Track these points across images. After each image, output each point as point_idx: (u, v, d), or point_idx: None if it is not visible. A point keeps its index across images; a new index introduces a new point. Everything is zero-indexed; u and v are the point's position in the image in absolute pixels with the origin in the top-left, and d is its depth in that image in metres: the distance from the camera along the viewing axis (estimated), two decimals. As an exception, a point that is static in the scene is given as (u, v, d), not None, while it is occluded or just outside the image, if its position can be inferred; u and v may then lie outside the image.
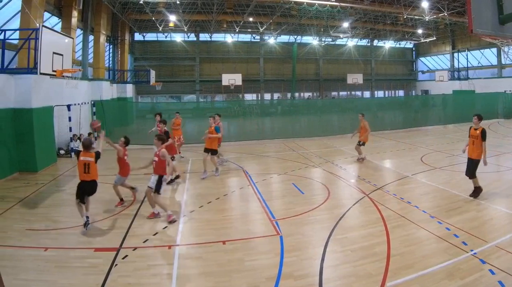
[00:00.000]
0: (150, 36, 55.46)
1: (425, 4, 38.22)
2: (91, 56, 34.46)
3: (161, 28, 48.65)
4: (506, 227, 10.48)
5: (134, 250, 9.39)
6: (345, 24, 47.35)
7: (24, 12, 19.15)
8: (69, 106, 21.73)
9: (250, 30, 54.36)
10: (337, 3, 37.56)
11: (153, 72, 43.82)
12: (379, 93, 66.29)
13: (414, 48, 67.24)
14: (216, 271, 8.36)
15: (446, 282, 7.62)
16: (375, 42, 63.91)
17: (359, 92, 65.17)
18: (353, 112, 22.44)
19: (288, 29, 52.88)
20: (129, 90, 43.18)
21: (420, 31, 53.57)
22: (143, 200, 13.54)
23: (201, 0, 40.79)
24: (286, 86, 60.28)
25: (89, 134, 24.81)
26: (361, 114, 20.48)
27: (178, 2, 37.70)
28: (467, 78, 51.96)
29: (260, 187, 15.43)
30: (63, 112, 21.86)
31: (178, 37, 55.55)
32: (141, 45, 55.51)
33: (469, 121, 36.36)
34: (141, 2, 36.10)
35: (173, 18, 43.83)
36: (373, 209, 12.35)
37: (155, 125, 19.20)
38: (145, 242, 9.90)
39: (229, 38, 56.83)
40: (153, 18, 43.92)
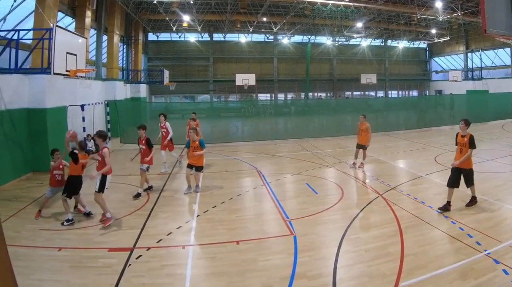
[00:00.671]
0: (164, 36, 55.58)
1: (438, 4, 37.92)
2: (104, 56, 34.64)
3: (174, 28, 48.82)
4: (520, 227, 10.37)
5: (148, 250, 9.41)
6: (359, 24, 47.31)
7: (37, 12, 19.25)
8: (82, 107, 21.78)
9: (264, 30, 54.31)
10: (351, 3, 37.44)
11: (166, 72, 44.05)
12: (393, 93, 65.95)
13: (427, 48, 66.77)
14: (229, 271, 8.36)
15: (459, 282, 7.58)
16: (389, 42, 63.53)
17: (372, 92, 64.94)
18: (367, 113, 22.40)
19: (301, 29, 52.81)
20: (142, 90, 43.46)
21: (433, 31, 53.21)
22: (156, 200, 13.60)
23: (215, 0, 40.85)
24: (300, 86, 60.16)
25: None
26: (363, 116, 19.07)
27: (192, 2, 37.84)
28: (480, 78, 51.54)
29: (274, 187, 15.41)
30: (76, 113, 21.88)
31: (192, 37, 55.67)
32: (155, 45, 55.70)
33: (483, 121, 36.33)
34: (155, 2, 36.27)
35: (186, 18, 43.92)
36: (387, 209, 12.29)
37: (159, 130, 18.71)
38: (158, 242, 9.91)
39: (243, 38, 56.83)
40: (167, 18, 44.11)
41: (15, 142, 16.87)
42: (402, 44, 62.96)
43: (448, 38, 53.87)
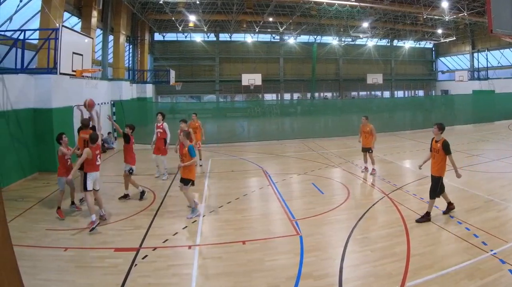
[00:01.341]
0: (169, 36, 55.60)
1: (445, 4, 37.79)
2: (110, 56, 34.79)
3: (180, 28, 48.75)
4: (527, 227, 10.34)
5: (154, 250, 9.43)
6: (365, 24, 47.15)
7: (44, 12, 19.25)
8: (89, 106, 21.80)
9: (270, 30, 54.13)
10: (357, 3, 37.36)
11: (173, 72, 44.12)
12: (399, 93, 65.72)
13: (433, 48, 66.47)
14: (236, 271, 8.37)
15: (466, 282, 7.57)
16: (395, 42, 63.28)
17: (379, 92, 64.79)
18: (373, 113, 22.19)
19: (308, 29, 52.68)
20: (148, 90, 43.56)
21: (440, 31, 52.93)
22: (162, 200, 13.62)
23: (221, 0, 40.85)
24: (306, 86, 60.07)
25: (109, 133, 25.05)
26: (365, 117, 17.82)
27: (198, 2, 37.84)
28: (487, 78, 51.34)
29: (280, 187, 15.40)
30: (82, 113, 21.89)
31: (198, 37, 55.61)
32: (161, 45, 55.69)
33: (489, 121, 36.23)
34: (161, 2, 36.33)
35: (192, 18, 43.84)
36: (393, 209, 12.28)
37: (154, 131, 17.25)
38: (165, 242, 9.93)
39: (249, 38, 56.70)
40: (173, 18, 44.06)
41: (21, 142, 16.91)
42: (408, 44, 62.67)
43: (454, 38, 53.56)
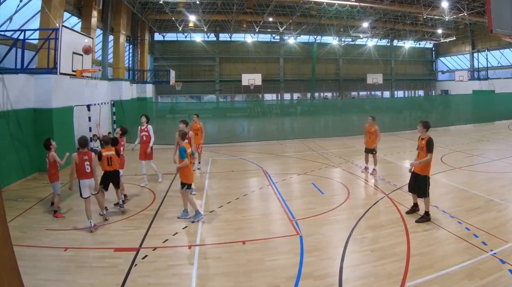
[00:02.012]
0: (169, 36, 55.60)
1: (445, 4, 37.79)
2: (111, 56, 34.73)
3: (180, 28, 48.72)
4: (527, 227, 10.34)
5: (154, 250, 9.43)
6: (365, 24, 47.15)
7: (44, 12, 19.24)
8: (88, 106, 21.72)
9: (270, 30, 54.11)
10: (357, 3, 37.35)
11: (173, 72, 44.12)
12: (399, 93, 65.72)
13: (433, 48, 66.48)
14: (236, 271, 8.37)
15: (465, 282, 7.57)
16: (395, 42, 63.28)
17: (379, 92, 64.81)
18: (373, 113, 22.18)
19: (308, 29, 52.65)
20: (149, 90, 43.56)
21: (439, 31, 52.93)
22: (162, 200, 13.62)
23: (221, 0, 40.83)
24: (306, 86, 60.08)
25: (109, 133, 25.06)
26: (371, 118, 17.89)
27: (198, 2, 37.81)
28: (487, 78, 51.41)
29: (280, 187, 15.40)
30: (82, 113, 21.82)
31: (198, 37, 55.60)
32: (161, 45, 55.68)
33: (490, 121, 36.24)
34: (161, 2, 36.30)
35: (192, 18, 43.80)
36: (393, 209, 12.30)
37: (139, 134, 16.57)
38: (165, 242, 9.93)
39: (249, 38, 56.66)
40: (173, 18, 44.04)
41: (21, 142, 16.92)
42: (408, 44, 62.67)
43: (454, 38, 53.56)
